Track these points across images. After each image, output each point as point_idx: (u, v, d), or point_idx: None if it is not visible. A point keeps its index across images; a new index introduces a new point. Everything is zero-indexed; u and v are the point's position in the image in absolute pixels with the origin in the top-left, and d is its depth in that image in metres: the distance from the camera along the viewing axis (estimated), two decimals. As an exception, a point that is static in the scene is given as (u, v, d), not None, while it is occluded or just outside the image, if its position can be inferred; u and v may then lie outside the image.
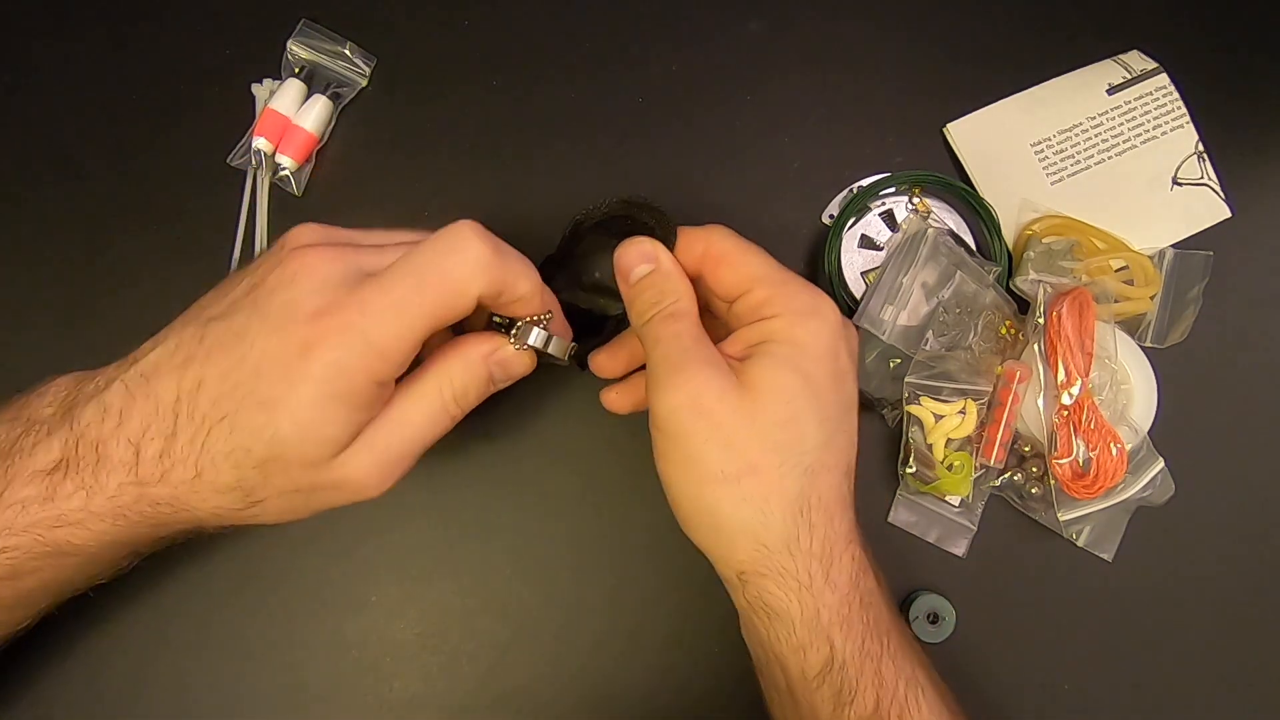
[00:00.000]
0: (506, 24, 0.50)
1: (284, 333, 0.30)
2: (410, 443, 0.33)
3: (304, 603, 0.44)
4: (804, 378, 0.33)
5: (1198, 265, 0.46)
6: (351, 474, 0.32)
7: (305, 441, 0.30)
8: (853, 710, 0.33)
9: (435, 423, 0.33)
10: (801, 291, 0.35)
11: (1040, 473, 0.44)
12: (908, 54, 0.50)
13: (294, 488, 0.32)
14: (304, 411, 0.30)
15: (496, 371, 0.35)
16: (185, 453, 0.31)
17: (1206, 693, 0.45)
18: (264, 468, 0.31)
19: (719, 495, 0.33)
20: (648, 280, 0.36)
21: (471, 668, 0.44)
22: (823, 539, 0.33)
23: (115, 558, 0.34)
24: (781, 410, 0.33)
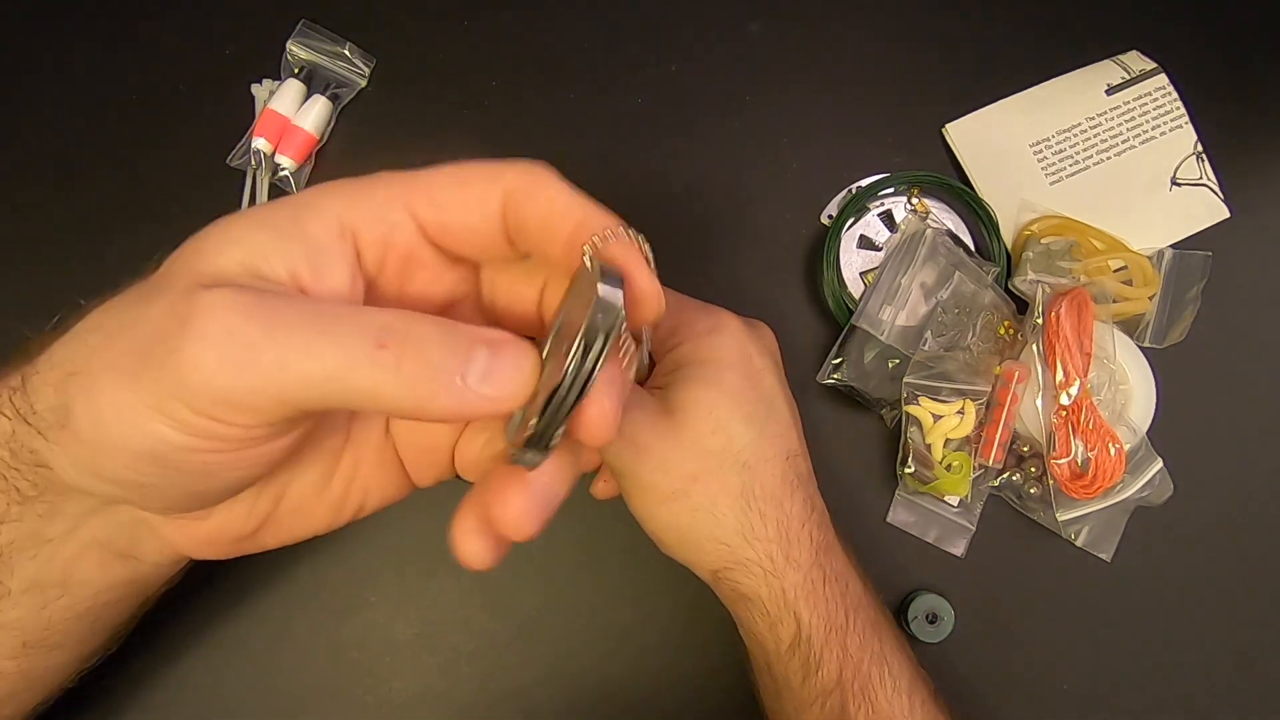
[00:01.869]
0: (506, 24, 0.50)
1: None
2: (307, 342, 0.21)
3: (303, 602, 0.44)
4: (718, 387, 0.36)
5: (1196, 265, 0.46)
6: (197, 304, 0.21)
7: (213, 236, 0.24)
8: (817, 679, 0.35)
9: (356, 350, 0.21)
10: (699, 314, 0.38)
11: (1039, 473, 0.44)
12: (906, 54, 0.50)
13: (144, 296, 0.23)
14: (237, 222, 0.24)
15: (478, 363, 0.22)
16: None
17: (1206, 692, 0.45)
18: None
19: (674, 510, 0.36)
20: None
21: (471, 668, 0.44)
22: (776, 523, 0.36)
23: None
24: (705, 422, 0.35)
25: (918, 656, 0.43)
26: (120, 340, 0.22)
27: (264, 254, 0.23)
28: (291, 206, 0.25)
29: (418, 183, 0.26)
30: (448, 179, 0.26)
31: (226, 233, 0.24)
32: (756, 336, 0.39)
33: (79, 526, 0.28)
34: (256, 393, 0.21)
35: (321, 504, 0.30)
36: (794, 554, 0.36)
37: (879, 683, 0.35)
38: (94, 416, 0.22)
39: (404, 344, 0.21)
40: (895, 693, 0.35)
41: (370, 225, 0.25)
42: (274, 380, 0.21)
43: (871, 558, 0.45)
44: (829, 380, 0.44)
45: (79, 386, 0.23)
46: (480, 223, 0.26)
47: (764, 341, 0.39)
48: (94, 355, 0.23)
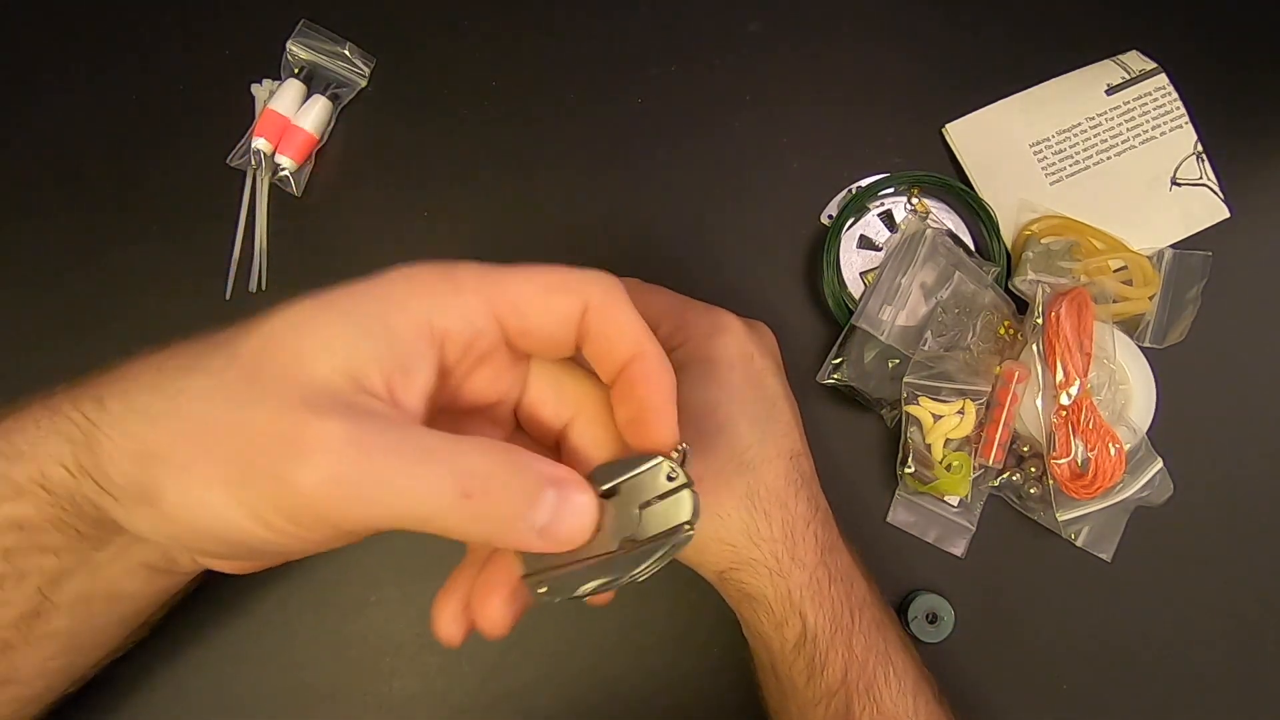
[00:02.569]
0: (506, 25, 0.50)
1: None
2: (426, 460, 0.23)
3: (304, 603, 0.44)
4: (722, 388, 0.36)
5: (1196, 265, 0.46)
6: (314, 420, 0.23)
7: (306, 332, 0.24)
8: (823, 680, 0.35)
9: (441, 491, 0.23)
10: (701, 315, 0.38)
11: (1039, 473, 0.44)
12: (906, 55, 0.50)
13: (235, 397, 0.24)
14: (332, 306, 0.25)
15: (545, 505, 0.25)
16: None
17: (1206, 693, 0.45)
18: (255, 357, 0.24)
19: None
20: None
21: (471, 668, 0.44)
22: (781, 523, 0.36)
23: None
24: (708, 423, 0.35)
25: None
26: (215, 439, 0.23)
27: (362, 363, 0.24)
28: (379, 301, 0.25)
29: (505, 288, 0.26)
30: (534, 288, 0.26)
31: (320, 335, 0.24)
32: (757, 337, 0.39)
33: (127, 551, 0.30)
34: (349, 519, 0.23)
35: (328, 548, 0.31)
36: (799, 553, 0.36)
37: (884, 682, 0.35)
38: (187, 505, 0.24)
39: (485, 494, 0.23)
40: (900, 693, 0.35)
41: (459, 328, 0.26)
42: (371, 514, 0.23)
43: (872, 558, 0.45)
44: (829, 380, 0.44)
45: (169, 474, 0.24)
46: (559, 330, 0.27)
47: (765, 342, 0.39)
48: (184, 444, 0.24)
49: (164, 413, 0.24)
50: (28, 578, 0.29)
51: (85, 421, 0.26)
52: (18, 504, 0.27)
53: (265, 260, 0.46)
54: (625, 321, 0.27)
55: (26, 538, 0.28)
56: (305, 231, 0.47)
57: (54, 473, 0.26)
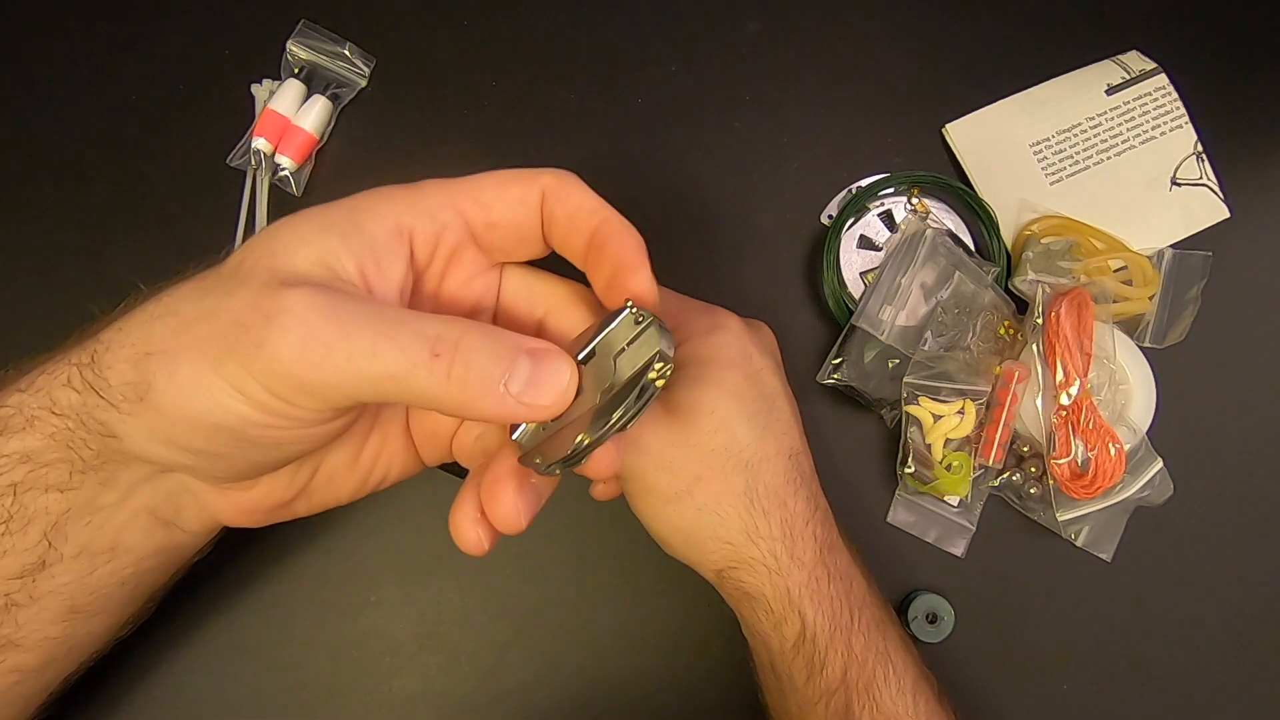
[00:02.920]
0: (506, 25, 0.50)
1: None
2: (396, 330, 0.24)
3: (303, 602, 0.44)
4: (720, 387, 0.36)
5: (1196, 265, 0.46)
6: (288, 291, 0.24)
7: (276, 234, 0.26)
8: (822, 678, 0.35)
9: (414, 353, 0.24)
10: (700, 314, 0.38)
11: (1039, 473, 0.44)
12: (906, 55, 0.50)
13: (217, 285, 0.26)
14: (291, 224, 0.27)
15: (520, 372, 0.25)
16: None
17: (1206, 693, 0.45)
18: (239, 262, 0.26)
19: (678, 511, 0.36)
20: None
21: (471, 668, 0.44)
22: (780, 522, 0.36)
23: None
24: (707, 421, 0.35)
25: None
26: (200, 325, 0.25)
27: (335, 253, 0.26)
28: (349, 210, 0.27)
29: (464, 186, 0.29)
30: (492, 181, 0.29)
31: (296, 232, 0.26)
32: (757, 335, 0.39)
33: (131, 495, 0.30)
34: (327, 385, 0.24)
35: (351, 476, 0.33)
36: (798, 552, 0.36)
37: (883, 681, 0.35)
38: (176, 391, 0.25)
39: (455, 352, 0.24)
40: (900, 692, 0.35)
41: (424, 225, 0.28)
42: (343, 376, 0.24)
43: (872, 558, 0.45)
44: (829, 380, 0.44)
45: (159, 364, 0.25)
46: (522, 218, 0.29)
47: (764, 340, 0.39)
48: (172, 336, 0.25)
49: (154, 316, 0.26)
50: (34, 522, 0.29)
51: (93, 343, 0.27)
52: (27, 436, 0.28)
53: (265, 260, 0.46)
54: (583, 196, 0.29)
55: (34, 474, 0.28)
56: (305, 231, 0.47)
57: (61, 395, 0.27)
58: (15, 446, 0.28)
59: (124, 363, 0.26)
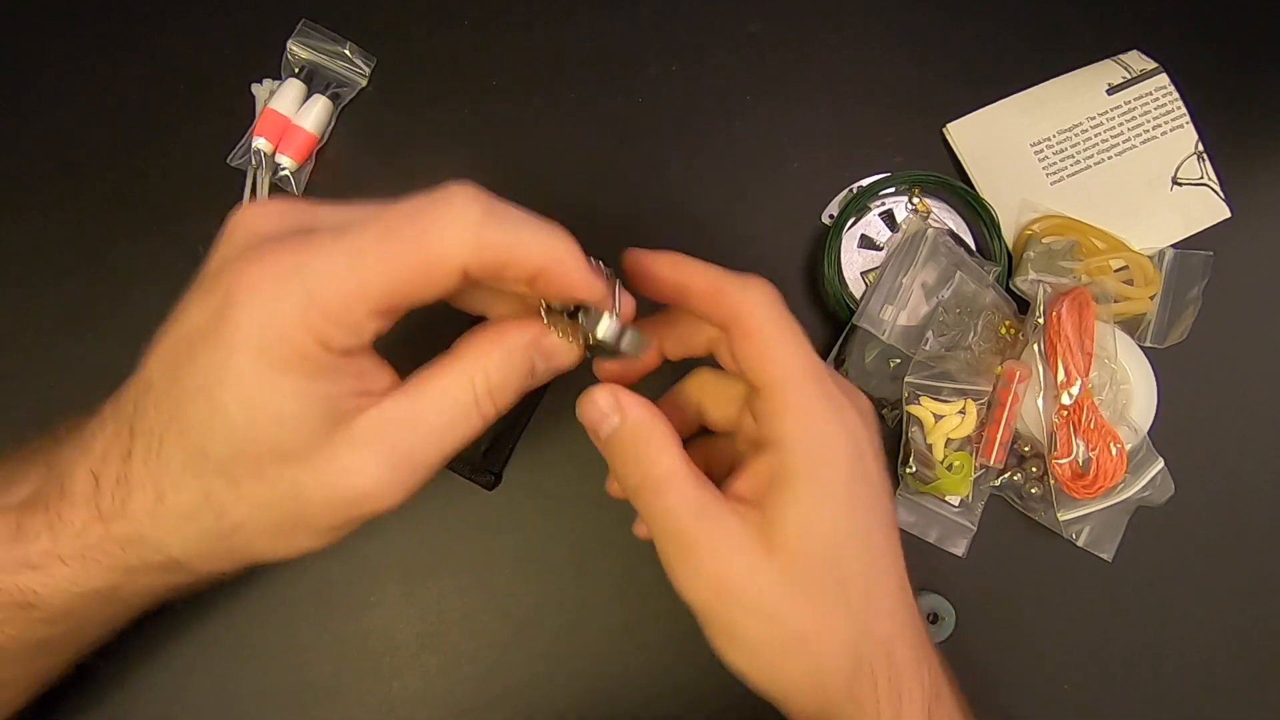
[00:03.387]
0: (506, 25, 0.50)
1: (207, 291, 0.25)
2: (426, 441, 0.27)
3: (304, 602, 0.44)
4: (834, 513, 0.29)
5: (1197, 265, 0.46)
6: (347, 472, 0.25)
7: (258, 423, 0.25)
8: None
9: (459, 421, 0.27)
10: (817, 403, 0.30)
11: (1040, 473, 0.44)
12: (907, 54, 0.50)
13: (273, 496, 0.26)
14: (246, 385, 0.24)
15: (539, 363, 0.29)
16: (141, 474, 0.26)
17: (1206, 693, 0.45)
18: (227, 471, 0.25)
19: (773, 665, 0.30)
20: (616, 440, 0.30)
21: (471, 668, 0.44)
22: (887, 679, 0.30)
23: (91, 618, 0.30)
24: (819, 565, 0.29)
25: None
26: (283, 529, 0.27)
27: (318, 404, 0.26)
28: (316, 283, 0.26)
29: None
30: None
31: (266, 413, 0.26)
32: (866, 423, 0.31)
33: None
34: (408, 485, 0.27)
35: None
36: (909, 707, 0.30)
37: None
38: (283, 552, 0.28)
39: (493, 393, 0.28)
40: None
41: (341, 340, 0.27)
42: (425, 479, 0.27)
43: (872, 558, 0.45)
44: (830, 380, 0.44)
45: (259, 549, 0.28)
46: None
47: (873, 428, 0.32)
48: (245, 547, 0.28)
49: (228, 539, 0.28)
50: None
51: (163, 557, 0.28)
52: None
53: (265, 260, 0.46)
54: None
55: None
56: (305, 231, 0.47)
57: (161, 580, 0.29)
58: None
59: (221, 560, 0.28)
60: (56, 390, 0.44)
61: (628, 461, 0.30)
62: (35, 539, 0.27)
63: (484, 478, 0.44)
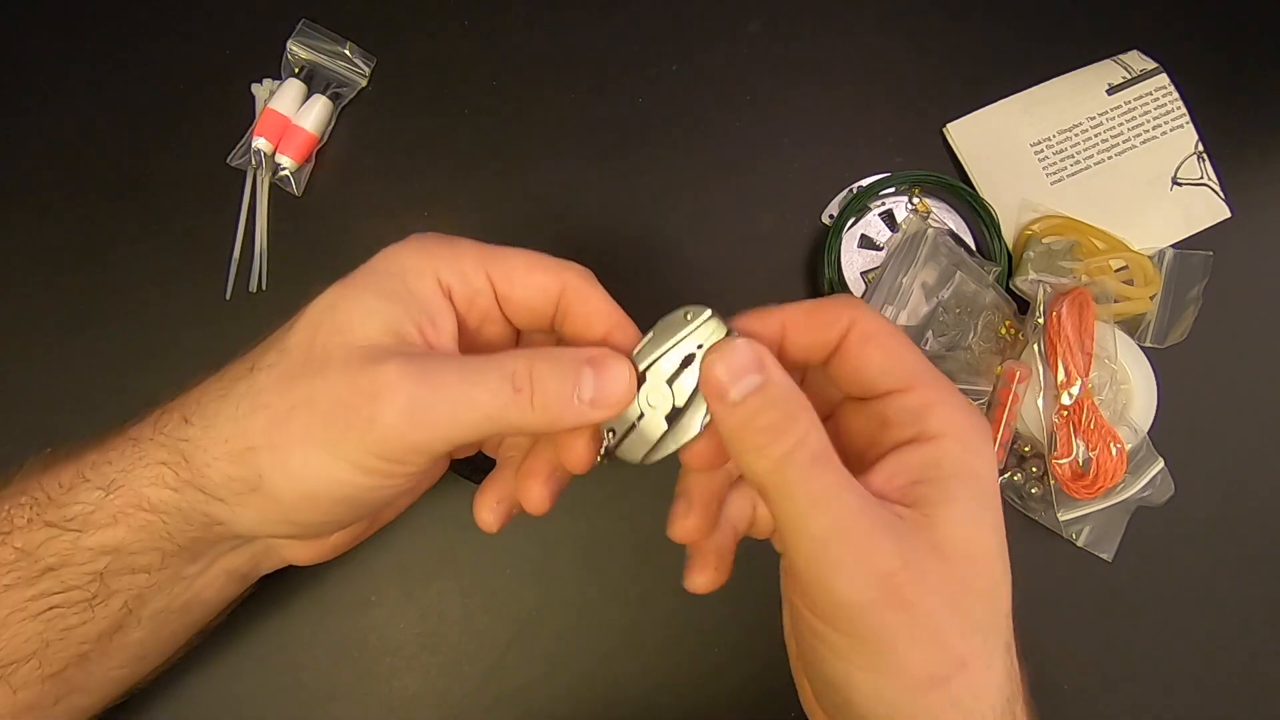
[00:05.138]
0: (506, 25, 0.50)
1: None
2: (476, 378, 0.27)
3: (304, 602, 0.44)
4: (994, 526, 0.26)
5: (1197, 265, 0.46)
6: (373, 367, 0.26)
7: (340, 307, 0.28)
8: None
9: (499, 391, 0.27)
10: (962, 400, 0.27)
11: (1040, 473, 0.44)
12: (907, 54, 0.50)
13: (303, 365, 0.27)
14: (349, 283, 0.29)
15: (588, 380, 0.27)
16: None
17: (1207, 693, 0.45)
18: (293, 337, 0.28)
19: (927, 703, 0.25)
20: (756, 402, 0.25)
21: (471, 668, 0.44)
22: (1024, 702, 0.27)
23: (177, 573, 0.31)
24: (984, 578, 0.25)
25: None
26: (302, 414, 0.27)
27: (398, 322, 0.28)
28: (397, 274, 0.29)
29: (496, 257, 0.30)
30: (521, 261, 0.30)
31: (361, 306, 0.28)
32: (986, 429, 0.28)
33: (215, 562, 0.33)
34: (436, 440, 0.27)
35: (410, 497, 0.36)
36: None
37: None
38: (292, 479, 0.27)
39: (531, 383, 0.27)
40: None
41: (461, 286, 0.30)
42: (449, 429, 0.26)
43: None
44: (830, 380, 0.44)
45: (267, 458, 0.27)
46: (540, 304, 0.30)
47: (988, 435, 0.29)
48: (274, 429, 0.27)
49: (244, 412, 0.28)
50: (117, 595, 0.30)
51: (174, 441, 0.29)
52: (112, 531, 0.29)
53: (265, 260, 0.46)
54: (600, 301, 0.30)
55: (120, 560, 0.30)
56: (305, 231, 0.47)
57: (156, 494, 0.29)
58: (99, 540, 0.29)
59: (223, 460, 0.28)
60: (57, 390, 0.44)
61: (770, 429, 0.25)
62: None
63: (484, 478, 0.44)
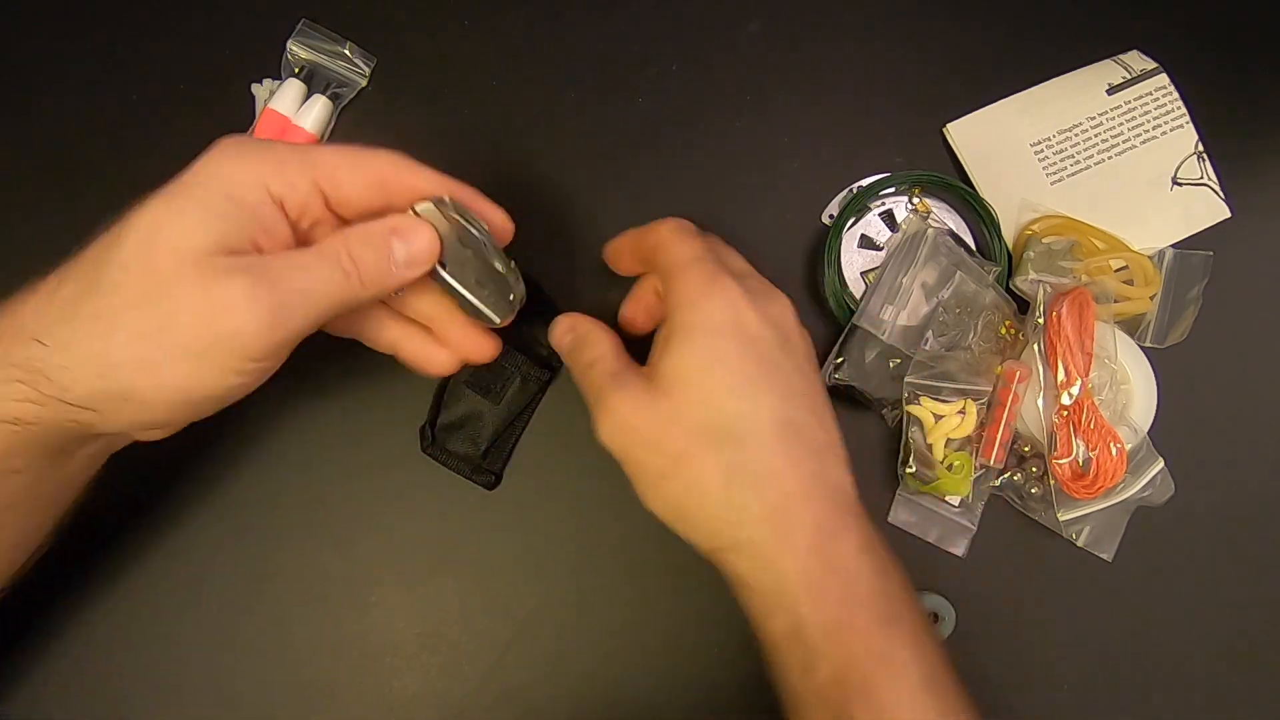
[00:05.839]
0: (506, 25, 0.50)
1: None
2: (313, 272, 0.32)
3: (304, 602, 0.44)
4: (704, 355, 0.35)
5: (1197, 265, 0.46)
6: (222, 283, 0.30)
7: (173, 222, 0.30)
8: (815, 678, 0.33)
9: (330, 283, 0.33)
10: (696, 276, 0.36)
11: (1040, 473, 0.44)
12: (907, 54, 0.50)
13: (154, 288, 0.30)
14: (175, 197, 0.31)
15: (399, 248, 0.34)
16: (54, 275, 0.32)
17: (1207, 693, 0.45)
18: (130, 255, 0.30)
19: (668, 490, 0.35)
20: (573, 342, 0.40)
21: (471, 668, 0.44)
22: (769, 503, 0.33)
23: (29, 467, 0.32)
24: (689, 393, 0.34)
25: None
26: (166, 335, 0.30)
27: (234, 237, 0.31)
28: (225, 188, 0.32)
29: (320, 160, 0.34)
30: (345, 162, 0.34)
31: (198, 224, 0.30)
32: (759, 304, 0.36)
33: (75, 454, 0.34)
34: (292, 335, 0.31)
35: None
36: (791, 539, 0.33)
37: (886, 684, 0.32)
38: (165, 391, 0.31)
39: (359, 262, 0.33)
40: (904, 692, 0.32)
41: (292, 196, 0.33)
42: (301, 323, 0.31)
43: (872, 558, 0.45)
44: (830, 380, 0.44)
45: (137, 374, 0.30)
46: (368, 200, 0.35)
47: (770, 310, 0.37)
48: (138, 346, 0.30)
49: (102, 332, 0.30)
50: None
51: (31, 359, 0.30)
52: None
53: (265, 260, 0.46)
54: (421, 180, 0.35)
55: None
56: (305, 231, 0.47)
57: (22, 410, 0.31)
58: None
59: (91, 377, 0.30)
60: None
61: (580, 353, 0.39)
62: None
63: (484, 478, 0.44)
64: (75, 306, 0.30)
